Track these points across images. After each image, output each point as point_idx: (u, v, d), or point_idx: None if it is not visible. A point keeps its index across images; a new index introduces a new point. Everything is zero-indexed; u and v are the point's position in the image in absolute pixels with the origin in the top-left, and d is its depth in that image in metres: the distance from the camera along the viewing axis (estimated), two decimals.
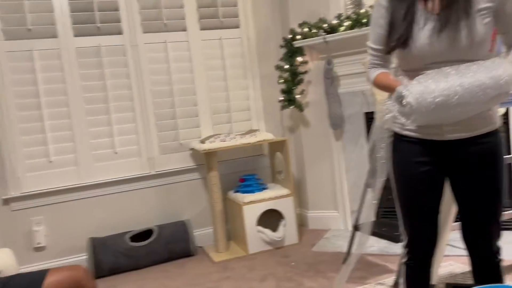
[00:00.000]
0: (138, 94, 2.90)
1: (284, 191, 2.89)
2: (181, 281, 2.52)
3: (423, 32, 1.27)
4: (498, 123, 1.34)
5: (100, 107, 2.83)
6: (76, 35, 2.76)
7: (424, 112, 1.16)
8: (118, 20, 2.83)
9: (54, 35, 2.72)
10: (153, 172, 2.96)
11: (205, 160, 2.84)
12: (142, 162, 2.94)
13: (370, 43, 1.41)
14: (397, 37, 1.30)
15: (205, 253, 2.93)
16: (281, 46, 3.04)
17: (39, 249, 2.75)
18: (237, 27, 3.11)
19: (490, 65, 1.18)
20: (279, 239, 2.82)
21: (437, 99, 1.15)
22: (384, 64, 1.40)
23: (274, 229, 2.89)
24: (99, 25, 2.79)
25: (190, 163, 3.06)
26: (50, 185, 2.75)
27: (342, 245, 2.73)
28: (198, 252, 2.96)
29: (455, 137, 1.30)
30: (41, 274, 1.25)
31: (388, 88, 1.35)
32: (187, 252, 2.85)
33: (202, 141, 2.85)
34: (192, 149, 2.99)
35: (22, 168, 2.69)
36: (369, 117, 2.92)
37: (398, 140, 1.38)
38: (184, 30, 2.99)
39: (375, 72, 1.39)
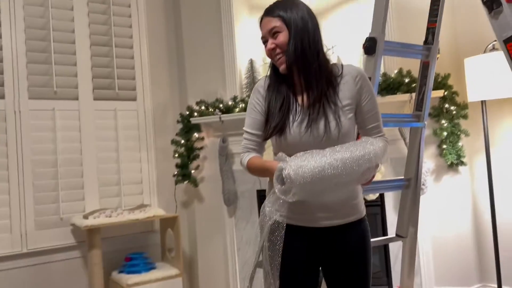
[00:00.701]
0: (15, 163, 2.66)
1: (173, 271, 2.76)
2: None
3: (296, 124, 1.37)
4: (364, 211, 1.46)
5: None
6: None
7: (302, 184, 1.20)
8: (1, 84, 2.65)
9: None
10: (25, 250, 2.65)
11: (87, 237, 2.62)
12: (13, 238, 2.62)
13: (246, 128, 1.47)
14: (274, 125, 1.38)
15: None
16: (178, 122, 3.06)
17: None
18: (133, 99, 3.09)
19: (355, 145, 1.30)
20: None
21: (315, 170, 1.21)
22: (258, 149, 1.46)
23: None
24: None
25: (71, 240, 2.80)
26: None
27: None
28: None
29: (328, 224, 1.38)
30: None
31: (263, 169, 1.39)
32: None
33: (85, 216, 2.65)
34: (72, 224, 2.75)
35: None
36: (261, 195, 2.99)
37: (279, 227, 1.40)
38: (76, 99, 2.88)
39: (249, 156, 1.44)
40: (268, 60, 1.48)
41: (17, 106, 2.69)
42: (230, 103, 2.94)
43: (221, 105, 2.95)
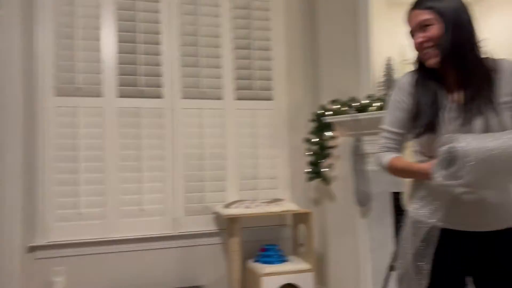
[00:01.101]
0: (170, 155, 3.01)
1: (305, 265, 2.84)
2: None
3: (450, 121, 1.31)
4: None
5: (133, 164, 2.95)
6: (120, 96, 2.95)
7: (478, 162, 1.14)
8: (160, 85, 3.03)
9: (99, 95, 2.91)
10: (175, 233, 2.99)
11: (228, 226, 2.85)
12: (166, 221, 2.98)
13: (386, 126, 1.43)
14: (425, 123, 1.33)
15: None
16: (311, 121, 3.13)
17: None
18: (270, 99, 3.26)
19: None
20: None
21: (490, 149, 1.15)
22: (399, 148, 1.41)
23: None
24: (142, 88, 2.99)
25: (213, 227, 3.07)
26: (76, 236, 2.81)
27: None
28: None
29: (484, 229, 1.30)
30: None
31: (410, 170, 1.35)
32: None
33: (227, 206, 2.88)
34: (215, 213, 3.02)
35: (52, 218, 2.78)
36: (396, 197, 2.89)
37: (432, 231, 1.35)
38: (220, 98, 3.15)
39: (389, 156, 1.40)
40: (407, 57, 1.43)
41: (173, 104, 3.05)
42: (365, 101, 2.90)
43: (356, 104, 2.93)
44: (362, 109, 2.89)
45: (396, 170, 1.39)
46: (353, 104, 2.91)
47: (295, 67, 3.34)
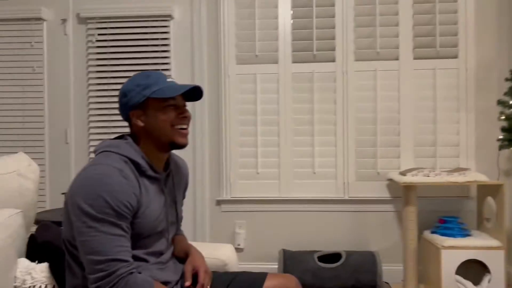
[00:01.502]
0: (342, 120, 2.99)
1: (494, 242, 2.55)
2: None
3: None
4: None
5: (305, 128, 3.01)
6: (294, 62, 3.01)
7: None
8: (333, 49, 2.99)
9: (276, 61, 3.02)
10: (347, 197, 2.99)
11: (403, 194, 2.72)
12: (337, 185, 3.00)
13: None
14: None
15: None
16: (507, 80, 2.72)
17: (238, 250, 3.06)
18: (454, 57, 2.92)
19: None
20: None
21: None
22: None
23: (475, 282, 2.56)
24: (315, 53, 2.99)
25: (385, 194, 2.98)
26: (255, 194, 3.04)
27: None
28: (384, 287, 2.84)
29: None
30: (263, 276, 1.38)
31: None
32: (373, 284, 2.77)
33: (403, 173, 2.74)
34: (390, 179, 2.91)
35: (235, 176, 3.05)
36: None
37: None
38: (396, 59, 2.96)
39: None
40: None
41: (345, 67, 2.99)
42: None
43: None
44: None
45: None
46: None
47: (486, 17, 2.91)
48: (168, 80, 1.30)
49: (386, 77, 2.97)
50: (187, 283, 1.33)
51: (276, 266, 2.99)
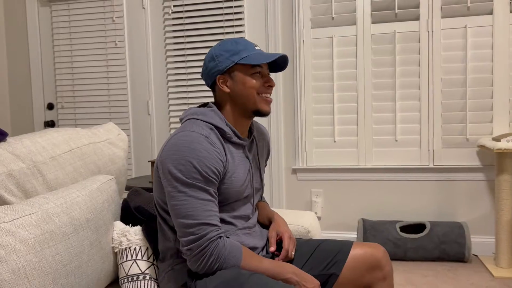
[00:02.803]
0: (426, 83, 2.78)
1: None
2: (454, 286, 2.33)
3: None
4: None
5: (386, 93, 2.86)
6: (373, 22, 2.84)
7: None
8: (417, 6, 2.76)
9: (353, 23, 2.87)
10: (432, 166, 2.82)
11: (497, 161, 2.50)
12: (422, 153, 2.84)
13: None
14: None
15: (481, 264, 2.62)
16: None
17: None
18: None
19: None
20: None
21: None
22: None
23: None
24: (397, 11, 2.79)
25: (475, 162, 2.76)
26: (332, 162, 2.98)
27: None
28: (473, 260, 2.68)
29: None
30: (349, 244, 1.34)
31: None
32: (460, 257, 2.62)
33: (496, 139, 2.51)
34: (481, 146, 2.68)
35: (311, 144, 3.00)
36: None
37: None
38: (490, 13, 2.66)
39: None
40: None
41: (430, 26, 2.75)
42: None
43: None
44: None
45: None
46: None
47: None
48: (256, 47, 1.28)
49: (477, 34, 2.70)
50: (272, 249, 1.33)
51: (355, 235, 2.94)
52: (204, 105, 1.35)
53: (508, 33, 2.65)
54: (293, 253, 1.33)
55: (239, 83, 1.27)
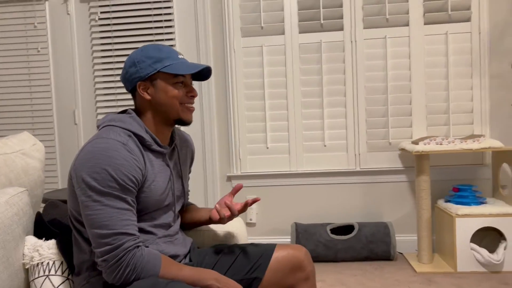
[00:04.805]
0: (351, 90, 2.92)
1: (509, 209, 2.50)
2: (380, 283, 2.44)
3: None
4: None
5: (314, 101, 2.96)
6: (301, 32, 2.94)
7: None
8: (340, 17, 2.90)
9: (282, 32, 2.95)
10: (358, 169, 2.95)
11: (416, 163, 2.67)
12: (349, 157, 2.96)
13: None
14: None
15: (405, 261, 2.77)
16: None
17: (250, 224, 3.06)
18: (467, 20, 2.81)
19: None
20: (497, 262, 2.46)
21: None
22: None
23: (490, 249, 2.53)
24: (322, 22, 2.90)
25: (398, 164, 2.93)
26: (265, 168, 3.02)
27: None
28: (398, 258, 2.83)
29: None
30: (271, 248, 1.36)
31: None
32: (386, 255, 2.75)
33: (415, 142, 2.68)
34: (402, 149, 2.85)
35: (245, 151, 3.03)
36: None
37: None
38: (406, 25, 2.86)
39: None
40: None
41: (353, 36, 2.90)
42: None
43: None
44: None
45: None
46: None
47: None
48: (180, 56, 1.28)
49: (396, 44, 2.88)
50: (229, 200, 1.38)
51: (289, 240, 2.99)
52: (124, 111, 1.32)
53: (423, 44, 2.86)
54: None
55: (161, 91, 1.25)
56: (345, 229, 2.89)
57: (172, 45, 3.01)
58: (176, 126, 1.36)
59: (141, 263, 1.12)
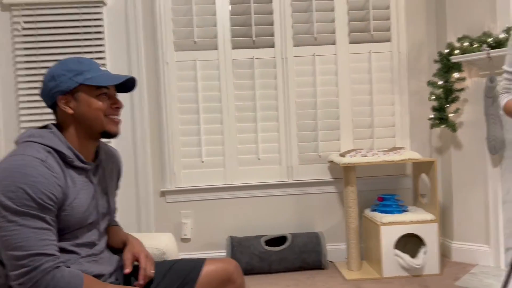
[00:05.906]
0: (283, 105, 3.02)
1: (428, 216, 2.69)
2: None
3: None
4: None
5: (248, 115, 3.02)
6: (234, 48, 2.99)
7: None
8: (271, 34, 2.99)
9: (215, 48, 2.99)
10: (291, 181, 3.04)
11: (344, 174, 2.81)
12: (281, 170, 3.04)
13: (506, 67, 1.29)
14: None
15: (336, 269, 2.88)
16: (436, 61, 2.86)
17: (185, 240, 3.03)
18: (388, 40, 3.03)
19: None
20: (418, 266, 2.63)
21: None
22: None
23: (412, 255, 2.71)
24: (254, 38, 2.98)
25: (327, 176, 3.06)
26: (200, 183, 3.02)
27: (492, 284, 2.43)
28: (329, 266, 2.93)
29: None
30: (200, 262, 1.37)
31: None
32: (318, 264, 2.85)
33: (342, 155, 2.82)
34: (330, 161, 2.98)
35: (179, 165, 3.00)
36: None
37: None
38: (333, 44, 3.02)
39: (507, 98, 1.27)
40: None
41: (284, 53, 3.01)
42: (501, 36, 2.55)
43: (489, 40, 2.59)
44: (496, 45, 2.56)
45: (510, 112, 1.27)
46: (488, 40, 2.57)
47: (415, 2, 3.04)
48: (102, 68, 1.26)
49: (324, 61, 3.03)
50: (127, 270, 1.30)
51: (225, 253, 2.99)
52: (45, 126, 1.27)
53: (348, 62, 3.03)
54: (152, 271, 1.31)
55: (84, 104, 1.23)
56: (279, 240, 2.95)
57: (101, 58, 2.93)
58: (104, 140, 1.33)
59: (60, 285, 1.07)
